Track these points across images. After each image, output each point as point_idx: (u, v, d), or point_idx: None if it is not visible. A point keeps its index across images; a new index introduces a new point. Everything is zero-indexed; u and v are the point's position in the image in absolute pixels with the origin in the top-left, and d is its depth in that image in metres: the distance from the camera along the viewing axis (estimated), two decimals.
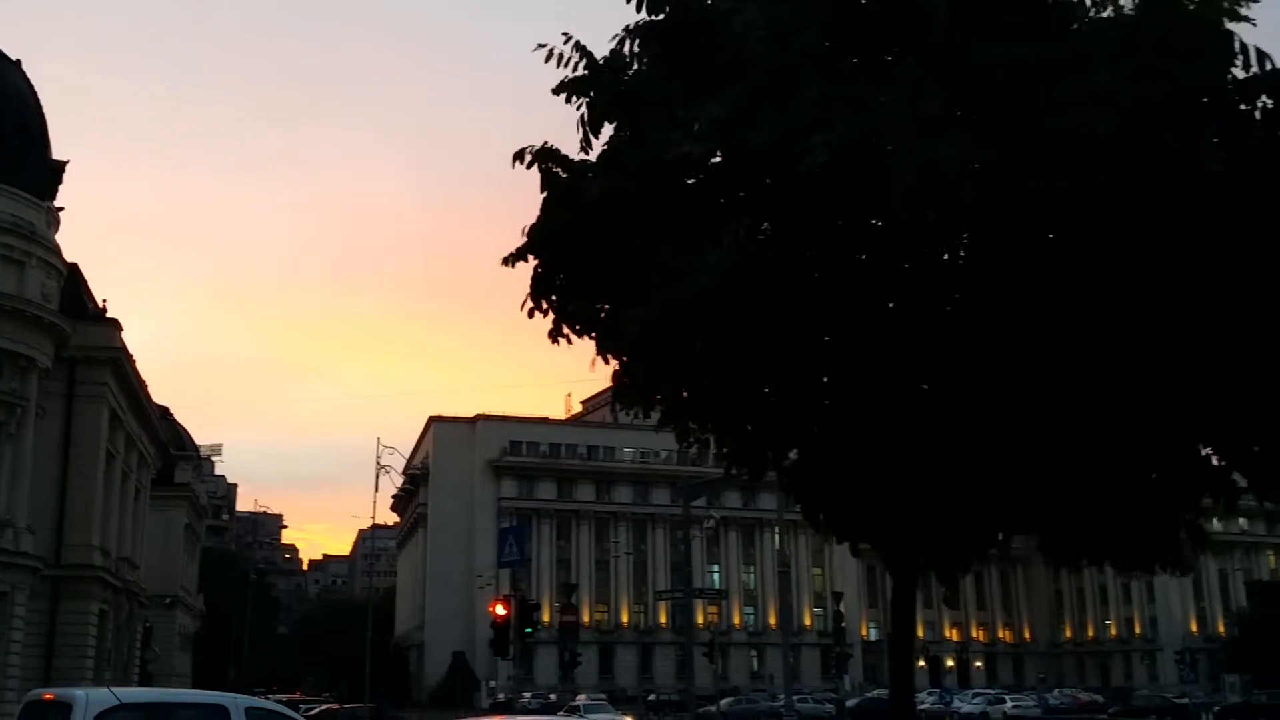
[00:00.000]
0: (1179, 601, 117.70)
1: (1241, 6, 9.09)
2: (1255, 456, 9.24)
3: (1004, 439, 8.83)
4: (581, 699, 67.09)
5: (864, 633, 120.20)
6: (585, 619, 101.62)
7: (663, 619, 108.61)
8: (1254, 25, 9.11)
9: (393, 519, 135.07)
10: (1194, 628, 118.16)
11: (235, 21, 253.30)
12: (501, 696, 77.60)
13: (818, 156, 7.84)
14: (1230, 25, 8.88)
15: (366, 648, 59.69)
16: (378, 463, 58.19)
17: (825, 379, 9.40)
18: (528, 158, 10.35)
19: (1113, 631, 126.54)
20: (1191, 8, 8.65)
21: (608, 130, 10.33)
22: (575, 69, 10.24)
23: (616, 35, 10.35)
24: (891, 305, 8.66)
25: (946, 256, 9.29)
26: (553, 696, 79.46)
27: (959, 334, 8.31)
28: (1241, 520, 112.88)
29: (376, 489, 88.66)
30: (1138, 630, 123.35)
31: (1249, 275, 8.03)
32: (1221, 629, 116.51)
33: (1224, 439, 9.07)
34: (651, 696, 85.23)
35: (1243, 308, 8.12)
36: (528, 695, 77.77)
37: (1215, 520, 12.07)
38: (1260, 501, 10.35)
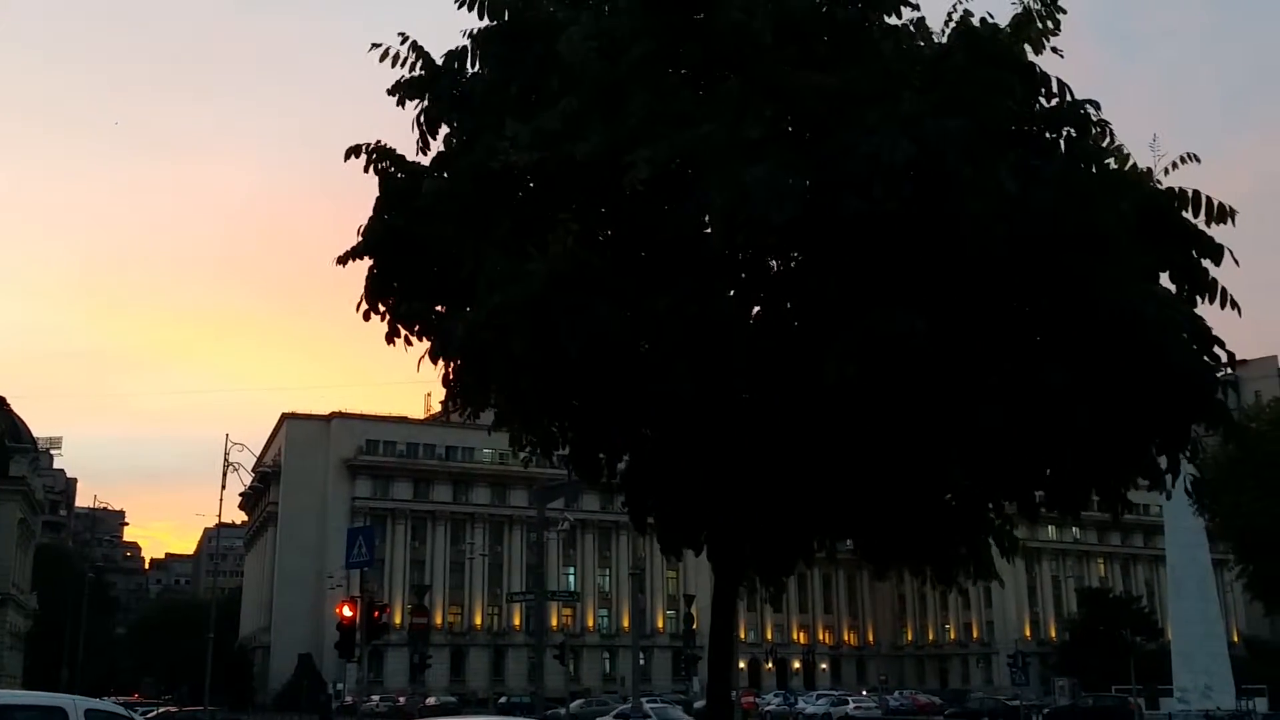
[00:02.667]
0: (1014, 607, 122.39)
1: (1046, 40, 9.73)
2: (1045, 474, 9.82)
3: (814, 448, 9.20)
4: (647, 704, 58.29)
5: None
6: (438, 621, 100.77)
7: (516, 621, 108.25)
8: (1061, 58, 9.73)
9: (241, 518, 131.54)
10: (1028, 632, 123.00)
11: None
12: (349, 700, 76.34)
13: (641, 171, 8.09)
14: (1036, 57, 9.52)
15: (208, 649, 58.07)
16: (226, 459, 56.81)
17: (648, 386, 9.65)
18: (363, 156, 10.38)
19: (952, 635, 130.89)
20: (997, 40, 9.18)
21: (445, 132, 10.42)
22: (412, 69, 10.30)
23: (465, 34, 10.43)
24: (710, 317, 8.95)
25: (764, 270, 9.64)
26: (402, 699, 78.56)
27: (772, 346, 8.66)
28: (1075, 529, 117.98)
29: (224, 486, 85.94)
30: (975, 634, 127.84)
31: (1026, 300, 8.57)
32: (1053, 634, 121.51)
33: (1013, 455, 9.61)
34: (503, 699, 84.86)
35: (1021, 335, 8.66)
36: (376, 698, 76.71)
37: (1051, 529, 12.71)
38: (1060, 514, 10.94)
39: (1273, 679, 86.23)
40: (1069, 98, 9.03)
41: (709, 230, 8.84)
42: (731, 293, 8.79)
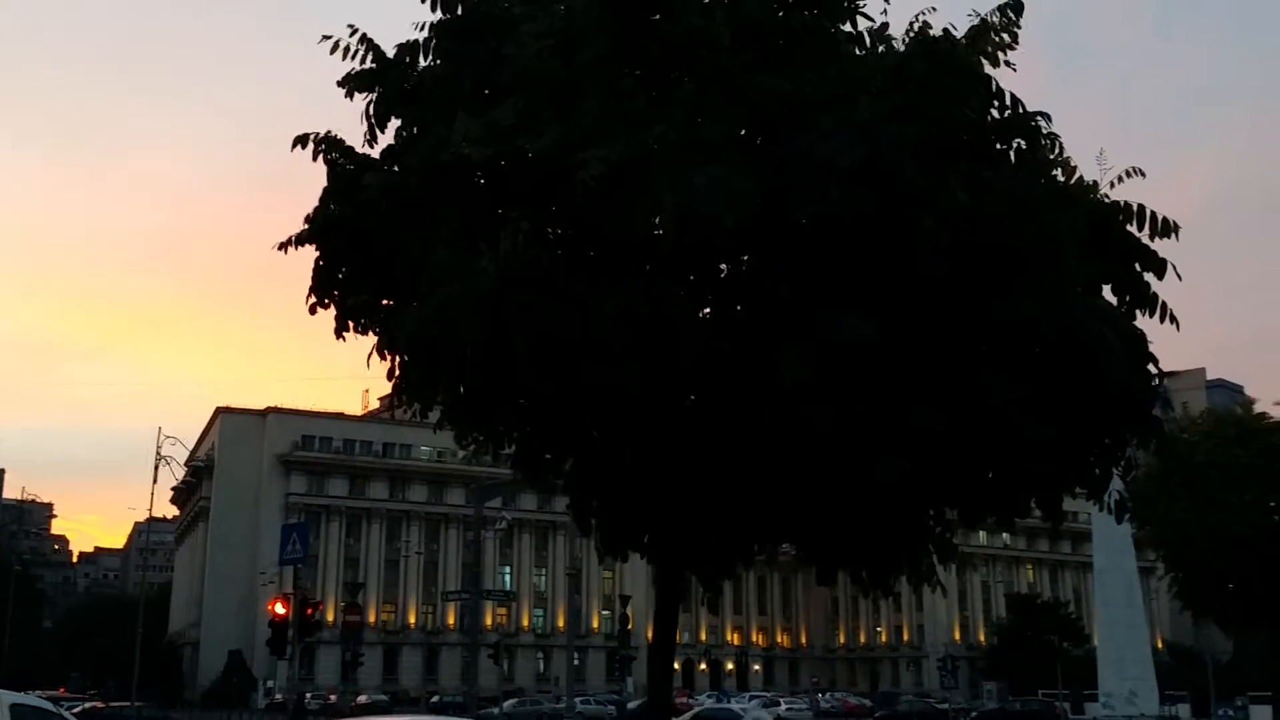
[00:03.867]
0: (945, 611, 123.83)
1: (1002, 53, 9.85)
2: (986, 479, 9.93)
3: (762, 451, 9.21)
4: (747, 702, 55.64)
5: (649, 636, 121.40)
6: (371, 619, 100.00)
7: (451, 620, 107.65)
8: (1014, 71, 9.85)
9: (172, 512, 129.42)
10: (957, 636, 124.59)
11: None
12: (279, 697, 75.47)
13: (594, 169, 8.04)
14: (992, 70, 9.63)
15: (136, 644, 57.06)
16: (158, 453, 55.88)
17: (597, 386, 9.61)
18: (310, 145, 10.22)
19: (883, 638, 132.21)
20: (955, 51, 9.26)
21: (395, 125, 10.29)
22: (362, 62, 10.16)
23: (417, 26, 10.31)
24: (659, 317, 8.93)
25: (716, 272, 9.64)
26: (333, 697, 77.79)
27: (721, 348, 8.65)
28: (1005, 535, 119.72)
29: (155, 480, 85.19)
30: (906, 638, 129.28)
31: (974, 309, 8.65)
32: (982, 638, 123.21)
33: (957, 461, 9.70)
34: (435, 698, 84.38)
35: (968, 343, 8.74)
36: (307, 696, 75.90)
37: (982, 534, 12.83)
38: (997, 522, 11.05)
39: (1195, 685, 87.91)
40: (1021, 109, 9.12)
41: (660, 231, 8.81)
42: (681, 294, 8.76)
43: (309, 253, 10.66)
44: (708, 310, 8.89)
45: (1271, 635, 36.39)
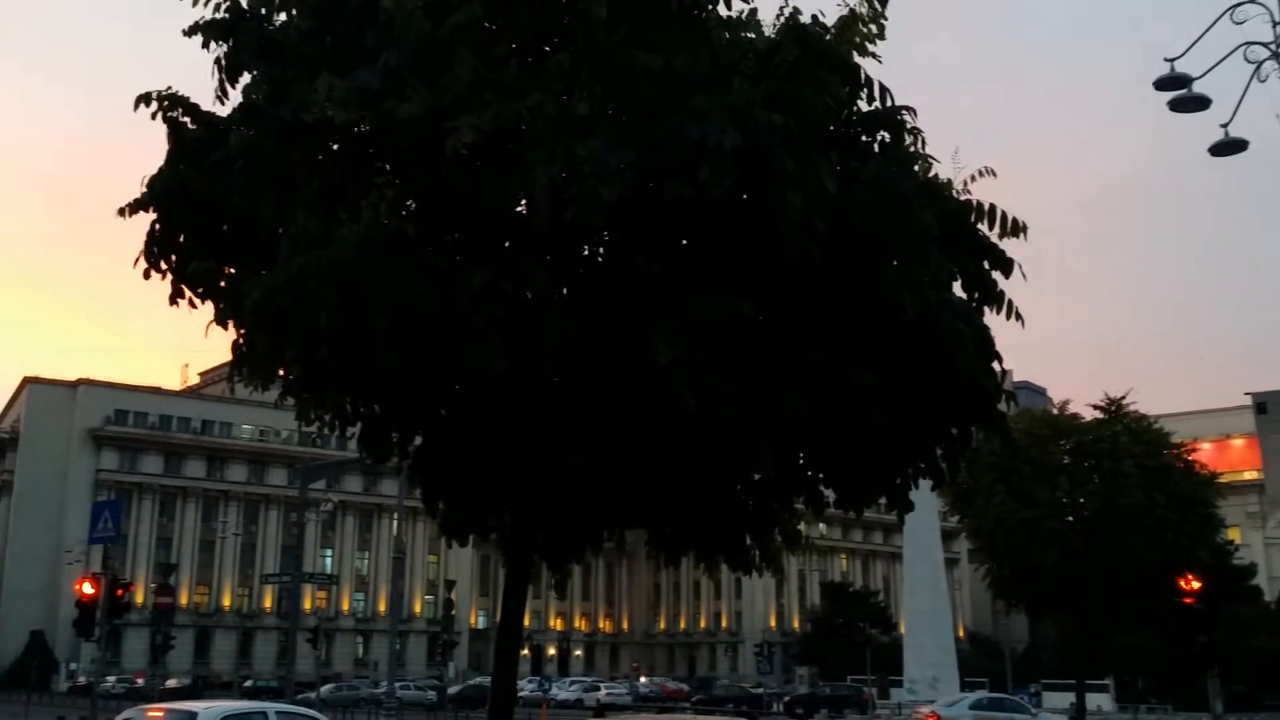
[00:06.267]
0: (762, 598, 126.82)
1: (870, 44, 9.96)
2: (838, 469, 10.05)
3: (626, 433, 9.08)
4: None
5: (473, 621, 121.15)
6: (184, 601, 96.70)
7: (268, 603, 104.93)
8: (880, 62, 9.96)
9: None
10: (774, 623, 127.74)
11: None
12: (83, 680, 72.25)
13: (465, 137, 7.76)
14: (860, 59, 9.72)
15: None
16: None
17: (455, 365, 9.31)
18: (154, 104, 9.59)
19: (702, 624, 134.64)
20: (826, 39, 9.28)
21: (246, 85, 9.72)
22: (216, 10, 9.58)
23: None
24: (528, 295, 8.71)
25: (588, 250, 9.46)
26: (139, 681, 74.78)
27: (592, 327, 8.48)
28: (821, 525, 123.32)
29: None
30: (724, 624, 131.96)
31: (838, 298, 8.73)
32: (797, 625, 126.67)
33: (813, 449, 9.79)
34: (249, 683, 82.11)
35: (832, 332, 8.81)
36: (112, 679, 72.81)
37: (802, 524, 13.03)
38: (844, 510, 11.21)
39: (993, 672, 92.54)
40: (890, 101, 9.21)
41: (531, 205, 8.56)
42: (551, 271, 8.52)
43: (143, 218, 10.05)
44: (576, 288, 8.67)
45: (1072, 623, 38.48)
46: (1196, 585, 33.29)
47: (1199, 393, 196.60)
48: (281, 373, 10.16)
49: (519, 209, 8.80)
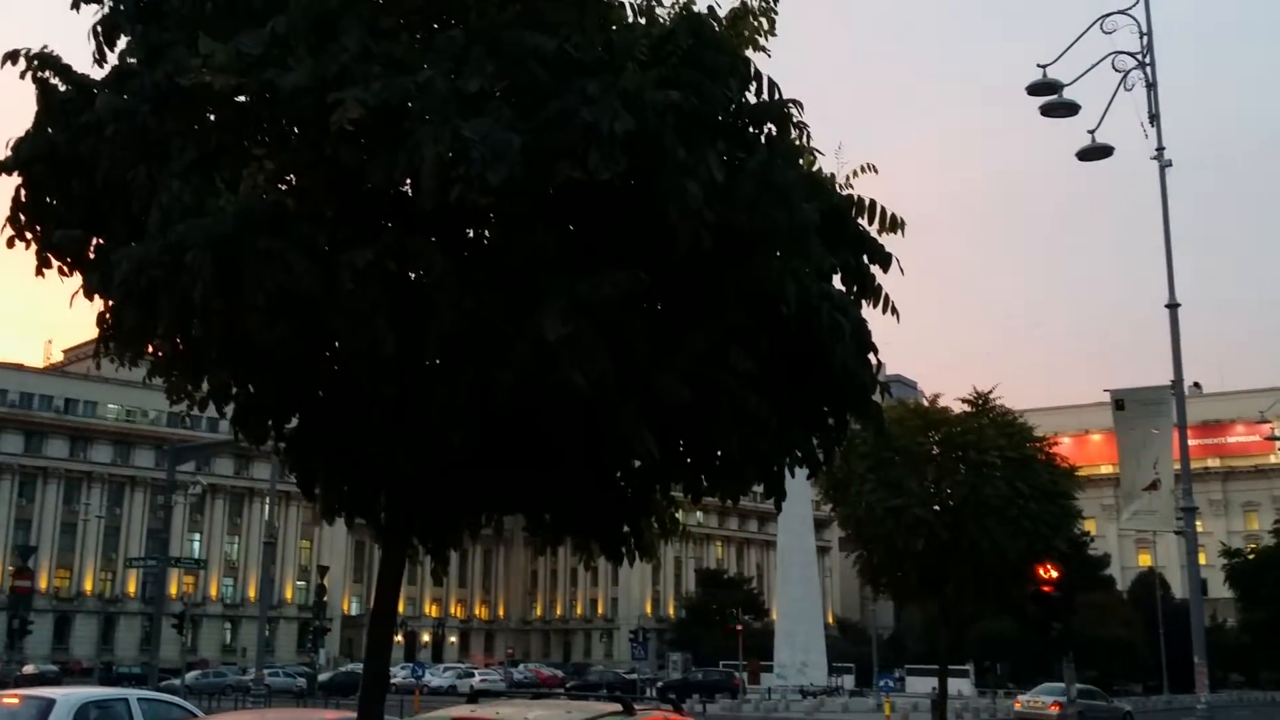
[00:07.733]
0: (638, 585, 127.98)
1: (761, 39, 10.10)
2: (716, 456, 10.18)
3: (508, 417, 9.05)
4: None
5: (346, 608, 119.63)
6: (43, 585, 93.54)
7: (131, 588, 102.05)
8: (769, 56, 10.09)
9: None
10: (649, 610, 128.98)
11: None
12: None
13: (350, 111, 7.60)
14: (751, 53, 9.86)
15: None
16: None
17: (339, 344, 9.14)
18: (21, 62, 9.18)
19: (579, 611, 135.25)
20: (719, 29, 9.39)
21: (125, 45, 9.38)
22: None
23: None
24: (414, 275, 8.60)
25: (475, 230, 9.39)
26: None
27: (480, 307, 8.42)
28: (698, 513, 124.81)
29: None
30: (600, 610, 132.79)
31: (722, 286, 8.85)
32: (672, 612, 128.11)
33: (691, 436, 9.90)
34: (114, 669, 79.83)
35: (715, 319, 8.93)
36: None
37: (679, 512, 13.15)
38: (721, 498, 11.34)
39: (859, 658, 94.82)
40: (778, 94, 9.33)
41: (413, 185, 8.45)
42: (438, 251, 8.42)
43: (7, 183, 9.63)
44: (464, 268, 8.58)
45: (936, 610, 39.65)
46: (1054, 574, 34.59)
47: (1060, 390, 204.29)
48: (151, 349, 9.84)
49: (404, 188, 8.67)
